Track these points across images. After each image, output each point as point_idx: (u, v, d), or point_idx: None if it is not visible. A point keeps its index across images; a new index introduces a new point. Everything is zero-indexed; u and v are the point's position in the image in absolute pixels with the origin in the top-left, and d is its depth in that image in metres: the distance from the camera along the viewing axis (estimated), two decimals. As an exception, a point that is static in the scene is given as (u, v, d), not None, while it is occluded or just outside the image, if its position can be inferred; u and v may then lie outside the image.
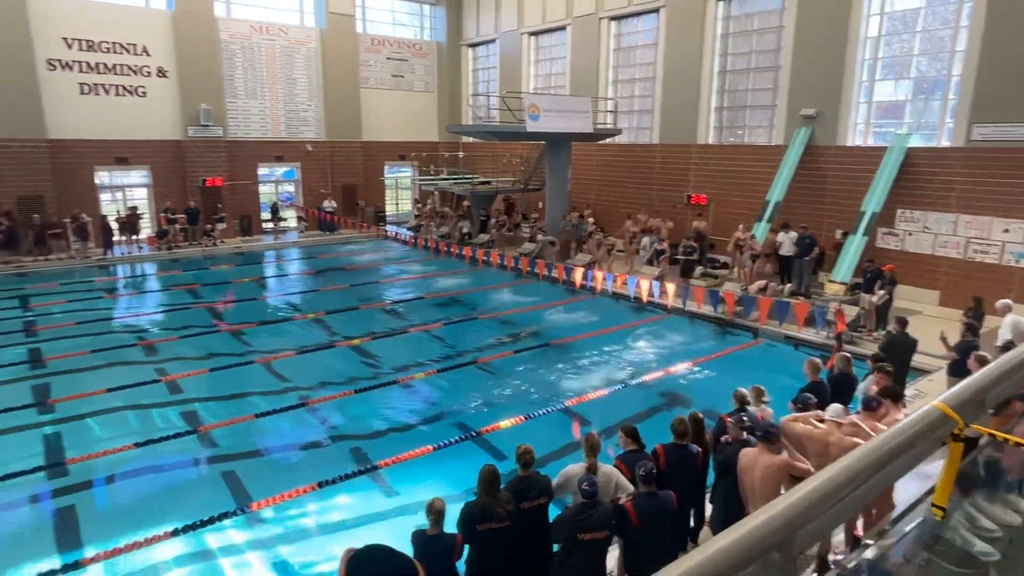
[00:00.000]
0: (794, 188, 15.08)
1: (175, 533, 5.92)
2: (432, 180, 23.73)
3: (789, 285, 13.72)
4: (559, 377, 10.27)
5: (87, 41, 19.23)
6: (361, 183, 25.06)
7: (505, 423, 8.21)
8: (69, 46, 19.00)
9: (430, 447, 7.57)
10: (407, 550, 3.90)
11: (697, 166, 17.92)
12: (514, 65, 23.85)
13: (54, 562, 5.64)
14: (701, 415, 5.62)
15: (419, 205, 25.16)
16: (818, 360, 6.87)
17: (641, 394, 9.55)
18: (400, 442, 7.88)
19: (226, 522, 6.19)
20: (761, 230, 14.85)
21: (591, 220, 18.93)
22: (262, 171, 23.29)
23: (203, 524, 6.06)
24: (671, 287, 13.04)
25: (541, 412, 8.65)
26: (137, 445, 7.62)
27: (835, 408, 5.14)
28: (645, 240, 16.64)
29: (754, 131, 17.08)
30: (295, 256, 21.09)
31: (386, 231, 23.03)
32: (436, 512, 4.11)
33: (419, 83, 26.53)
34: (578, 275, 14.02)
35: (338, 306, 14.26)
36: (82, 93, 19.34)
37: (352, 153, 24.67)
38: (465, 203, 22.07)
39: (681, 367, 10.52)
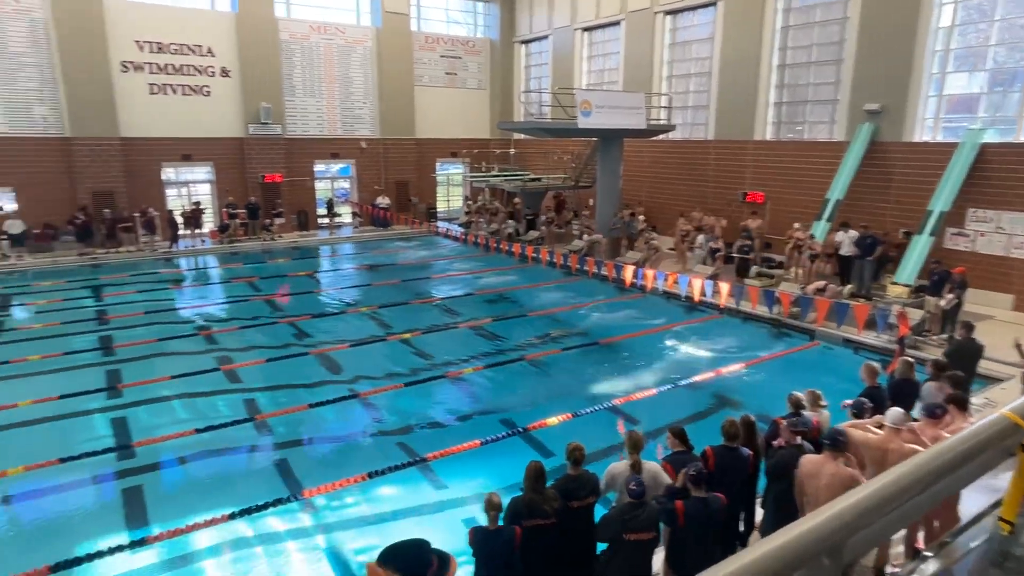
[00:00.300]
0: (856, 186, 14.52)
1: (232, 516, 6.15)
2: (483, 177, 23.87)
3: (849, 286, 13.23)
4: (607, 375, 10.19)
5: (157, 43, 20.12)
6: (414, 180, 25.44)
7: (552, 420, 8.21)
8: (141, 49, 19.91)
9: (477, 442, 7.63)
10: (455, 543, 3.95)
11: (754, 163, 17.46)
12: (566, 61, 23.74)
13: (123, 538, 5.95)
14: (753, 418, 5.49)
15: (470, 202, 25.34)
16: (876, 364, 6.61)
17: (691, 395, 9.39)
18: (448, 436, 7.97)
19: (280, 508, 6.39)
20: (820, 229, 14.37)
21: (641, 218, 18.70)
22: (318, 168, 23.90)
23: (258, 509, 6.27)
24: (725, 286, 12.76)
25: (588, 410, 8.61)
26: (198, 431, 7.94)
27: (895, 414, 4.91)
28: (700, 238, 16.33)
29: (814, 127, 16.51)
30: (349, 251, 21.56)
31: (437, 227, 23.28)
32: (496, 507, 4.12)
33: (472, 80, 26.71)
34: (628, 273, 13.85)
35: (390, 301, 14.51)
36: (151, 93, 20.25)
37: (405, 150, 25.06)
38: (515, 200, 22.11)
39: (733, 368, 10.29)
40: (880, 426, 5.08)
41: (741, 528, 5.35)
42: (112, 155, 19.61)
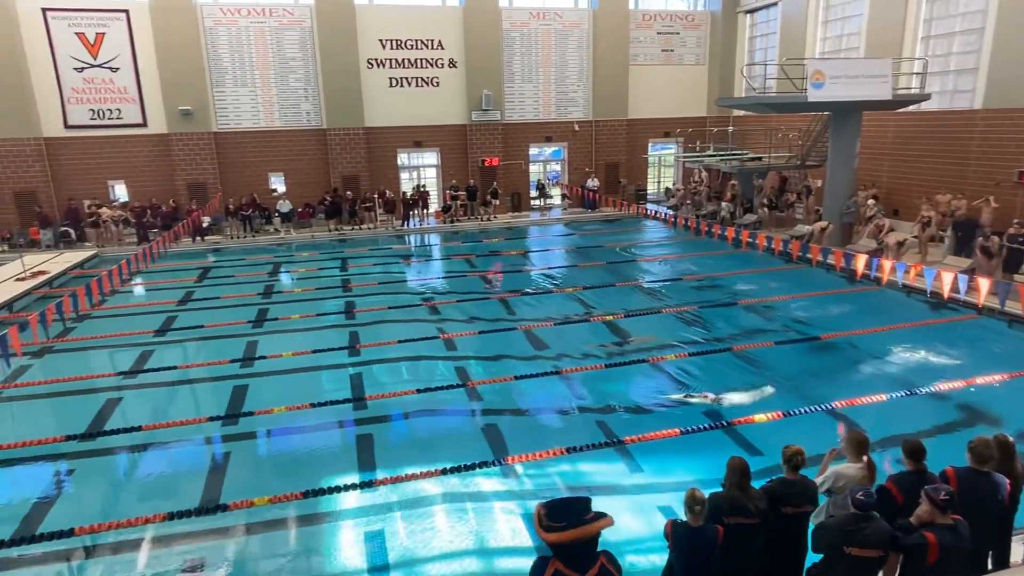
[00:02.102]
0: None
1: (444, 472, 6.74)
2: (697, 157, 22.89)
3: None
4: (827, 374, 9.28)
5: (396, 41, 22.32)
6: (624, 161, 25.26)
7: (760, 417, 7.70)
8: (383, 46, 22.25)
9: (677, 430, 7.44)
10: (646, 528, 3.91)
11: (1036, 135, 14.45)
12: (797, 29, 21.64)
13: (354, 477, 6.85)
14: (1011, 439, 4.61)
15: (681, 185, 24.49)
16: None
17: (931, 405, 8.18)
18: (647, 421, 7.89)
19: (485, 470, 6.87)
20: None
21: (871, 202, 16.50)
22: (532, 151, 24.81)
23: (466, 468, 6.80)
24: (984, 283, 10.80)
25: (802, 410, 7.92)
26: (418, 391, 8.81)
27: None
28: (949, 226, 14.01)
29: None
30: (557, 232, 22.14)
31: (646, 209, 22.88)
32: (701, 503, 3.95)
33: (689, 56, 25.63)
34: (860, 263, 12.33)
35: (595, 282, 14.65)
36: (390, 86, 22.57)
37: (617, 131, 24.95)
38: (732, 181, 20.86)
39: (989, 379, 8.73)
40: None
41: (989, 567, 4.56)
42: (357, 143, 22.31)
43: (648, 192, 26.19)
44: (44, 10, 19.47)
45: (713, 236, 16.73)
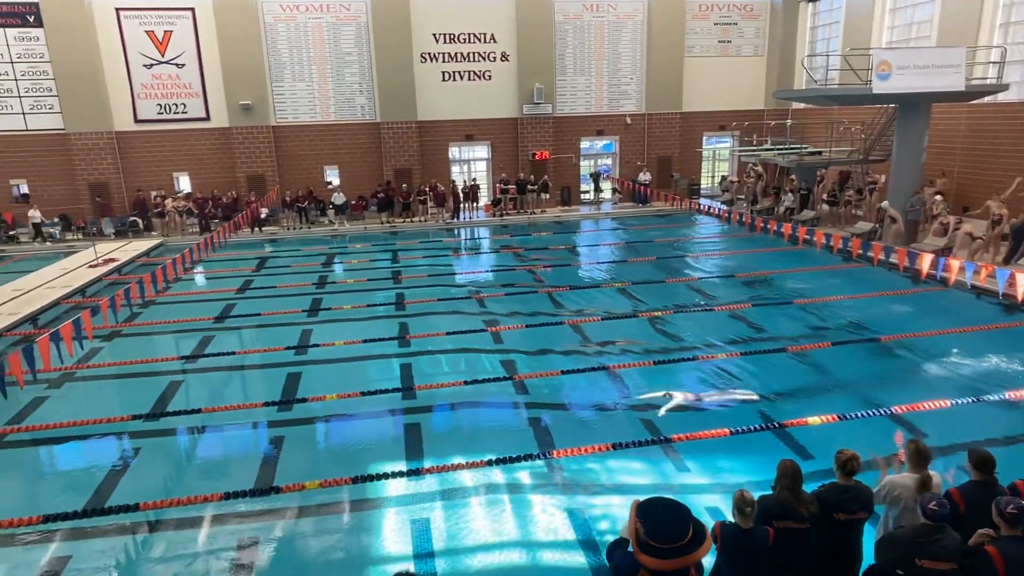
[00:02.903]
0: None
1: (488, 463, 6.80)
2: (753, 151, 22.29)
3: None
4: (887, 377, 8.94)
5: (449, 35, 22.48)
6: (677, 155, 24.83)
7: (813, 419, 7.47)
8: (436, 40, 22.44)
9: (727, 430, 7.30)
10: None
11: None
12: (863, 18, 20.77)
13: (402, 465, 6.98)
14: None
15: (735, 179, 23.91)
16: None
17: (1003, 414, 7.78)
18: (695, 419, 7.76)
19: (529, 463, 6.89)
20: None
21: (938, 198, 15.70)
22: (583, 144, 24.63)
23: (511, 461, 6.84)
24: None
25: (859, 414, 7.65)
26: (465, 383, 8.90)
27: None
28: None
29: None
30: (608, 226, 21.95)
31: (699, 204, 22.41)
32: (751, 505, 3.87)
33: (747, 47, 24.95)
34: (925, 262, 11.78)
35: (644, 278, 14.47)
36: (443, 80, 22.76)
37: (670, 124, 24.53)
38: (789, 176, 20.24)
39: (1068, 388, 8.24)
40: None
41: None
42: (410, 137, 22.60)
43: (701, 187, 25.67)
44: (118, 10, 20.40)
45: (768, 232, 16.26)
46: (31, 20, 20.02)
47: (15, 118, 20.54)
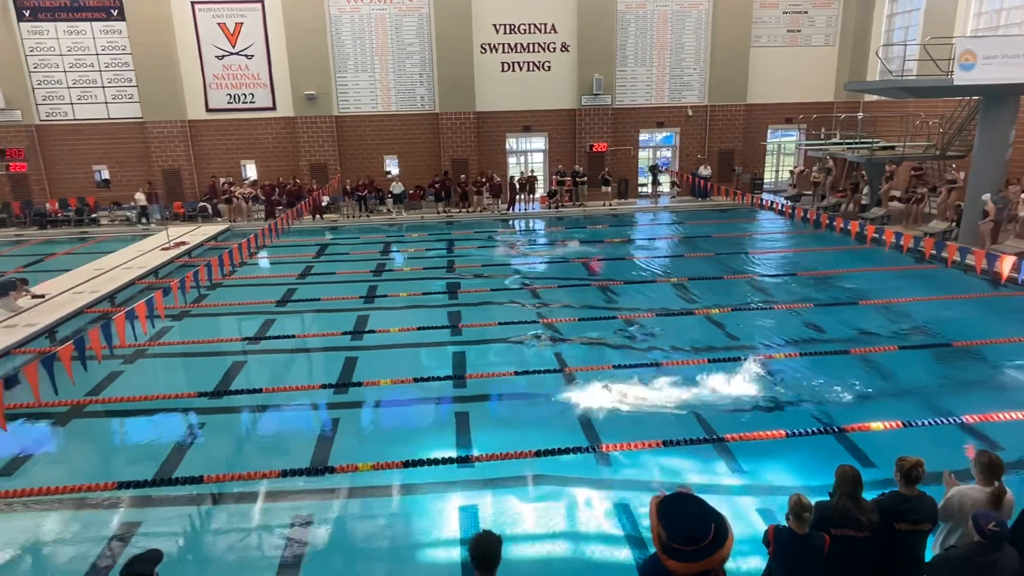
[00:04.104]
0: None
1: (537, 454, 6.82)
2: (821, 145, 21.45)
3: None
4: (959, 385, 8.51)
5: (510, 25, 22.45)
6: (739, 148, 24.15)
7: (876, 425, 7.18)
8: (496, 31, 22.46)
9: (783, 432, 7.10)
10: (741, 531, 3.77)
11: None
12: (946, 5, 19.63)
13: (452, 452, 7.08)
14: None
15: (801, 173, 23.08)
16: None
17: (1085, 428, 7.28)
18: (750, 420, 7.58)
19: (578, 455, 6.87)
20: None
21: (1025, 197, 14.75)
22: (642, 136, 24.24)
23: (560, 452, 6.84)
24: None
25: (925, 422, 7.31)
26: (516, 373, 8.94)
27: None
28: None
29: None
30: (665, 220, 21.58)
31: (761, 199, 21.77)
32: (809, 510, 3.77)
33: (817, 37, 23.97)
34: (1006, 265, 11.08)
35: (701, 274, 14.18)
36: (502, 71, 22.77)
37: (733, 117, 23.86)
38: (859, 172, 19.40)
39: None
40: None
41: None
42: (468, 128, 22.73)
43: (765, 181, 24.90)
44: (193, 3, 21.26)
45: (834, 230, 15.66)
46: (115, 14, 21.08)
47: (99, 107, 21.74)
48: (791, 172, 24.24)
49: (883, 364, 9.15)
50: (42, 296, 12.48)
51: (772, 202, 20.64)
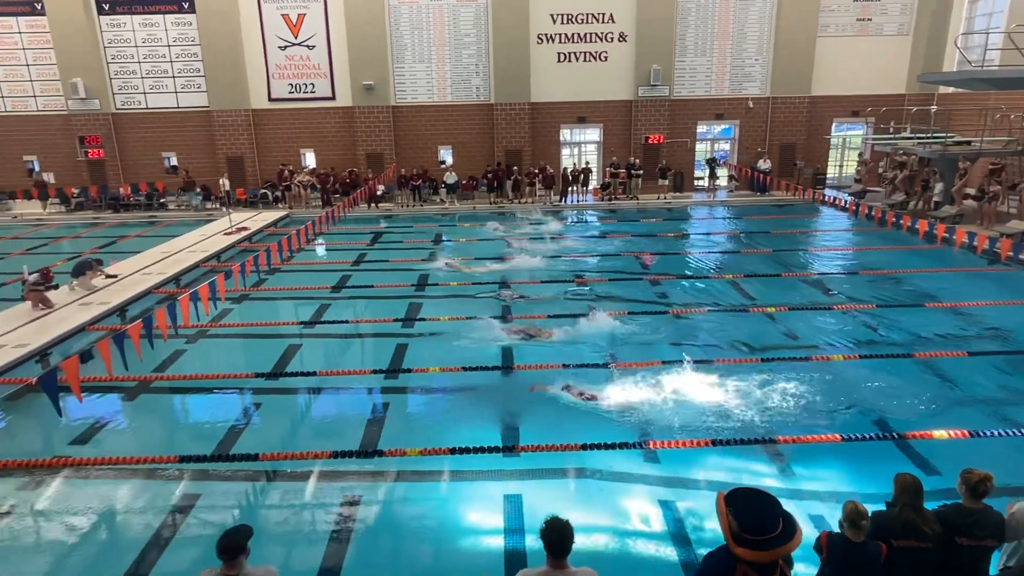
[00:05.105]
0: None
1: (583, 448, 6.80)
2: (890, 140, 20.52)
3: None
4: (1033, 395, 8.03)
5: (567, 15, 22.25)
6: (802, 142, 23.34)
7: (939, 433, 6.87)
8: (553, 21, 22.31)
9: (838, 436, 6.88)
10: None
11: None
12: (1034, -10, 18.46)
13: (498, 441, 7.12)
14: None
15: (869, 159, 22.15)
16: None
17: None
18: (804, 422, 7.36)
19: (625, 450, 6.82)
20: None
21: None
22: (700, 129, 23.71)
23: (606, 447, 6.81)
24: None
25: (995, 432, 6.95)
26: (564, 366, 8.89)
27: None
28: None
29: None
30: (721, 215, 21.09)
31: (823, 195, 21.01)
32: (866, 518, 3.65)
33: (890, 26, 22.88)
34: (1091, 269, 10.42)
35: (758, 271, 13.82)
36: (558, 62, 22.62)
37: (796, 109, 23.07)
38: (929, 168, 18.49)
39: None
40: None
41: None
42: (522, 118, 22.70)
43: (828, 176, 24.00)
44: (258, -5, 21.92)
45: (901, 228, 14.99)
46: (186, 7, 21.92)
47: (169, 96, 22.69)
48: (857, 166, 23.30)
49: (949, 370, 8.73)
50: (114, 276, 13.16)
51: (835, 198, 19.92)
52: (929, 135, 19.40)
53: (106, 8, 21.95)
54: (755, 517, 2.95)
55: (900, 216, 15.11)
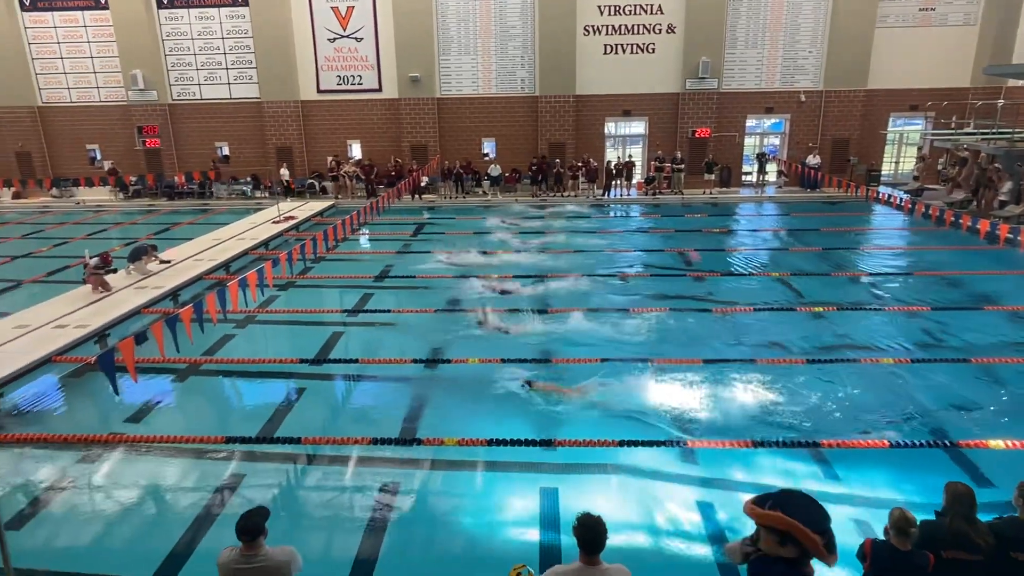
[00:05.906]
0: None
1: (620, 444, 6.75)
2: (951, 135, 19.65)
3: None
4: (1100, 407, 7.61)
5: (615, 6, 21.96)
6: (855, 137, 22.56)
7: (996, 443, 6.59)
8: (601, 12, 22.04)
9: (886, 442, 6.67)
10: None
11: None
12: (1115, -23, 17.38)
13: (535, 434, 7.10)
14: None
15: (927, 154, 21.27)
16: None
17: None
18: (851, 426, 7.15)
19: (663, 448, 6.75)
20: None
21: None
22: (749, 123, 23.15)
23: (644, 444, 6.74)
24: None
25: (1057, 444, 6.62)
26: (602, 360, 8.85)
27: None
28: None
29: None
30: (769, 211, 20.58)
31: (877, 192, 20.29)
32: (915, 526, 3.55)
33: (956, 15, 21.85)
34: None
35: (806, 269, 13.45)
36: (604, 54, 22.36)
37: (850, 103, 22.28)
38: (993, 165, 17.66)
39: None
40: None
41: None
42: (566, 111, 22.55)
43: (883, 173, 23.15)
44: (309, -12, 22.29)
45: (961, 228, 14.36)
46: (239, 0, 22.44)
47: (222, 88, 23.33)
48: (916, 163, 22.40)
49: (1010, 377, 8.36)
50: (168, 262, 13.64)
51: (890, 196, 19.20)
52: (995, 131, 18.51)
53: (165, 2, 22.67)
54: (824, 521, 2.81)
55: (959, 215, 14.47)
